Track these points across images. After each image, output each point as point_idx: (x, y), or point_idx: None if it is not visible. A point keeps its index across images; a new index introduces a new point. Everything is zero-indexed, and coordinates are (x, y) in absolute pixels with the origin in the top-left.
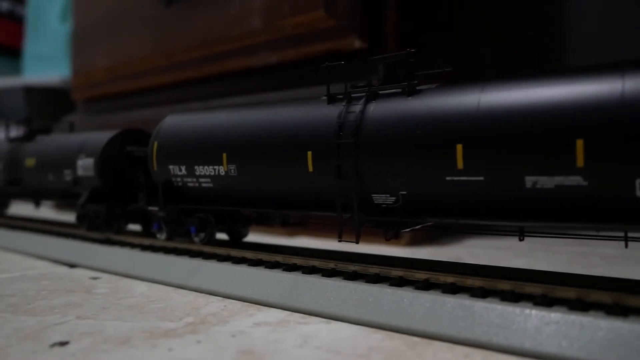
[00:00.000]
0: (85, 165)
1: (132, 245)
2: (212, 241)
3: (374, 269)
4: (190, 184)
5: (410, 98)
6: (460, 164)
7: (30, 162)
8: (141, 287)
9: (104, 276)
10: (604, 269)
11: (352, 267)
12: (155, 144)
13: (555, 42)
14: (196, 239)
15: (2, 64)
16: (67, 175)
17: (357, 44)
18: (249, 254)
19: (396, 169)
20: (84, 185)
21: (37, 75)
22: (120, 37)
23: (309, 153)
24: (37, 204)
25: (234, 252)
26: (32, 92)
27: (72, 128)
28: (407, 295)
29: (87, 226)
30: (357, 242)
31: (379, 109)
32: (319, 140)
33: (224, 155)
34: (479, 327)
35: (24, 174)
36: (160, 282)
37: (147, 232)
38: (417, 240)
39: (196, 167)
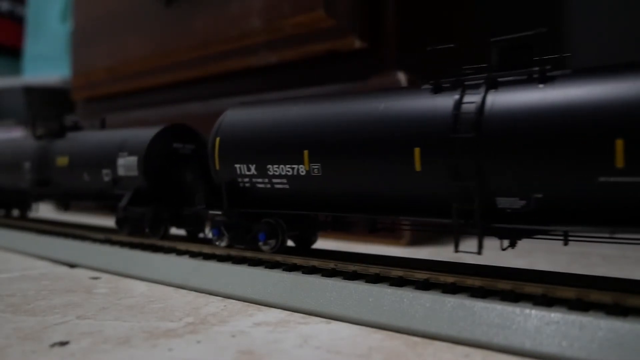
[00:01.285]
0: (127, 164)
1: (132, 245)
2: (282, 249)
3: (374, 269)
4: (260, 185)
5: (543, 86)
6: (620, 162)
7: (62, 160)
8: (141, 287)
9: (104, 276)
10: (604, 269)
11: (352, 267)
12: (218, 140)
13: (555, 42)
14: (265, 247)
15: (2, 64)
16: (106, 175)
17: (357, 43)
18: (249, 254)
19: (531, 168)
20: (126, 186)
21: (37, 76)
22: (120, 37)
23: (417, 150)
24: (66, 206)
25: (234, 252)
26: (32, 92)
27: (103, 124)
28: (407, 295)
29: (128, 231)
30: (479, 253)
31: (503, 98)
32: (429, 135)
33: (306, 152)
34: (479, 327)
35: (54, 174)
36: (160, 282)
37: (194, 238)
38: (417, 240)
39: (269, 166)
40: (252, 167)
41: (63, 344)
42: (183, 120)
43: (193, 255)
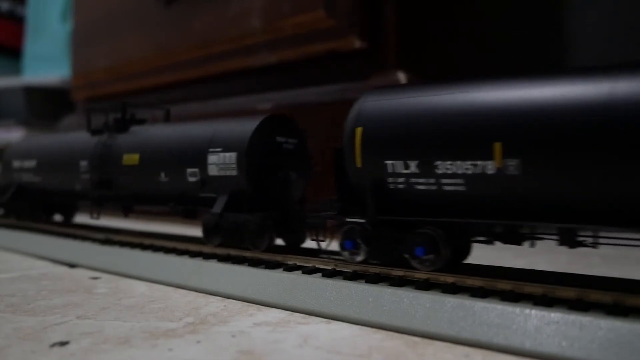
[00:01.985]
0: (222, 161)
1: (132, 245)
2: (443, 267)
3: (374, 269)
4: (422, 187)
5: None
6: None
7: (130, 158)
8: (141, 287)
9: (104, 276)
10: (604, 269)
11: (352, 267)
12: (360, 131)
13: (555, 42)
14: (419, 264)
15: (2, 64)
16: (191, 176)
17: (357, 43)
18: (248, 254)
19: None
20: (218, 187)
21: (37, 76)
22: (120, 37)
23: None
24: (127, 212)
25: (234, 252)
26: (32, 92)
27: (167, 116)
28: (407, 295)
29: (218, 242)
30: None
31: None
32: None
33: (497, 145)
34: (479, 327)
35: (118, 174)
36: (161, 282)
37: (295, 249)
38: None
39: (438, 162)
40: (413, 164)
41: (63, 344)
42: (183, 121)
43: (193, 255)
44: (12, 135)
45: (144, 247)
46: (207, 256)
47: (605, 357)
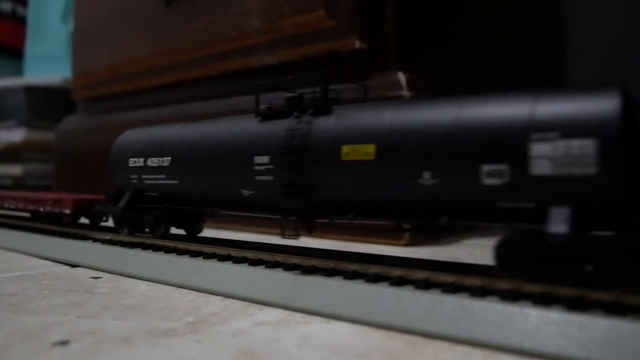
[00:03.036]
0: (562, 154)
1: (133, 245)
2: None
3: (374, 269)
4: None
5: None
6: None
7: (357, 151)
8: (142, 286)
9: (105, 276)
10: None
11: (352, 267)
12: None
13: (554, 42)
14: None
15: (3, 64)
16: (491, 176)
17: (357, 44)
18: (249, 254)
19: None
20: (550, 194)
21: (38, 76)
22: (121, 38)
23: None
24: (312, 228)
25: (234, 252)
26: (33, 93)
27: (366, 93)
28: (407, 295)
29: (530, 275)
30: None
31: None
32: None
33: None
34: (479, 327)
35: (331, 174)
36: (161, 281)
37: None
38: (417, 241)
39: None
40: None
41: (64, 343)
42: (183, 121)
43: (194, 255)
44: (13, 135)
45: (144, 247)
46: (207, 256)
47: (604, 356)
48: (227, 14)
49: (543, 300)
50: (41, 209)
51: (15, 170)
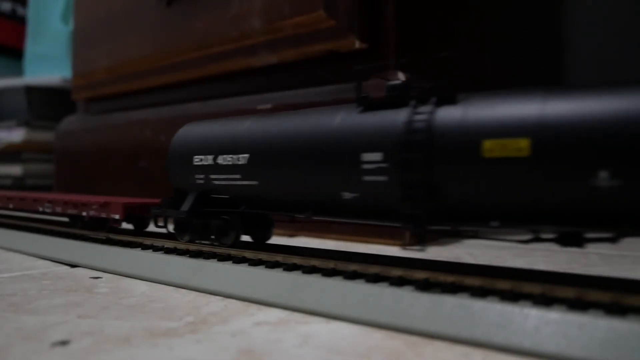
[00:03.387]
0: None
1: (133, 245)
2: None
3: (374, 269)
4: None
5: None
6: None
7: (505, 146)
8: (142, 286)
9: (105, 276)
10: (604, 269)
11: (352, 267)
12: None
13: (554, 42)
14: None
15: (3, 64)
16: None
17: (357, 44)
18: (249, 254)
19: None
20: None
21: (38, 76)
22: (121, 38)
23: None
24: (422, 238)
25: (234, 252)
26: (33, 93)
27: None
28: (406, 294)
29: None
30: None
31: None
32: None
33: None
34: (479, 327)
35: (467, 174)
36: (161, 281)
37: None
38: (417, 241)
39: None
40: None
41: (64, 343)
42: (183, 121)
43: (194, 255)
44: (13, 135)
45: (144, 247)
46: (207, 256)
47: (604, 356)
48: (227, 14)
49: (543, 300)
50: (84, 214)
51: (15, 170)
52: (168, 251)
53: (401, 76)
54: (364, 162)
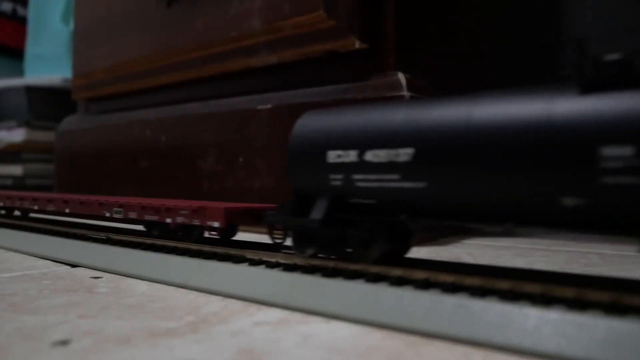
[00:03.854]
0: None
1: (133, 245)
2: None
3: (374, 269)
4: None
5: None
6: None
7: None
8: (142, 286)
9: (105, 276)
10: (603, 269)
11: (352, 267)
12: None
13: (554, 42)
14: None
15: (3, 64)
16: None
17: (357, 44)
18: (249, 254)
19: None
20: None
21: (38, 76)
22: (121, 38)
23: None
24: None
25: (234, 252)
26: (34, 93)
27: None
28: (406, 294)
29: None
30: None
31: None
32: None
33: None
34: (479, 326)
35: None
36: (161, 281)
37: None
38: (417, 241)
39: None
40: None
41: (64, 343)
42: (183, 121)
43: (194, 254)
44: (13, 135)
45: (145, 246)
46: (207, 256)
47: (604, 356)
48: (227, 14)
49: (543, 300)
50: (169, 221)
51: (16, 170)
52: (168, 251)
53: (401, 77)
54: (604, 158)
